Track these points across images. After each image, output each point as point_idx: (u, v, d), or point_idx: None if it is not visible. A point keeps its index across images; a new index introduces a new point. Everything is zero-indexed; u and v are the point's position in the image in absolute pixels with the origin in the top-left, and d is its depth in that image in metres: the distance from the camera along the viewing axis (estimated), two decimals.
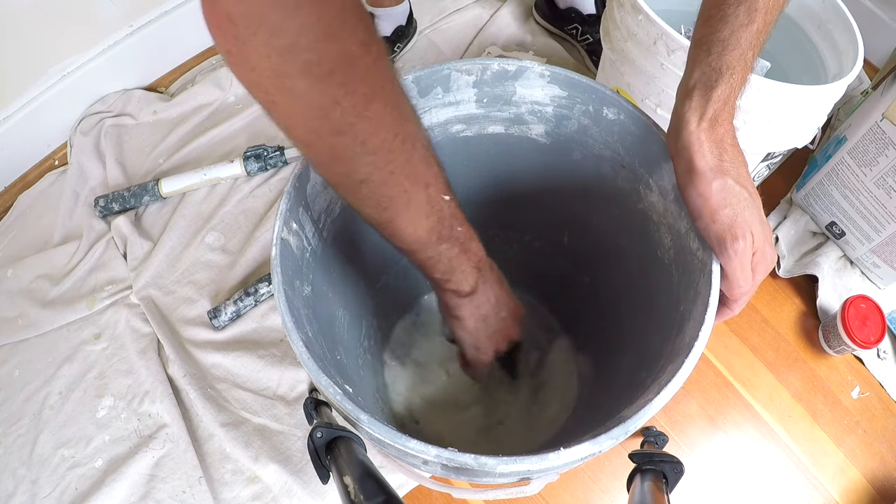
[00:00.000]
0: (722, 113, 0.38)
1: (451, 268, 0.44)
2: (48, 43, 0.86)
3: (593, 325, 0.67)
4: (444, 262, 0.43)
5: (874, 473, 0.73)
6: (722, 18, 0.38)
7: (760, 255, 0.39)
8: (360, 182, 0.35)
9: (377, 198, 0.37)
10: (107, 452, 0.70)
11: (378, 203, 0.37)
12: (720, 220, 0.38)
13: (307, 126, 0.31)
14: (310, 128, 0.31)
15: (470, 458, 0.33)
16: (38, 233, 0.88)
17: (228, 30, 0.26)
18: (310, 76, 0.28)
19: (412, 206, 0.38)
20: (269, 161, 0.88)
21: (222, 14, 0.26)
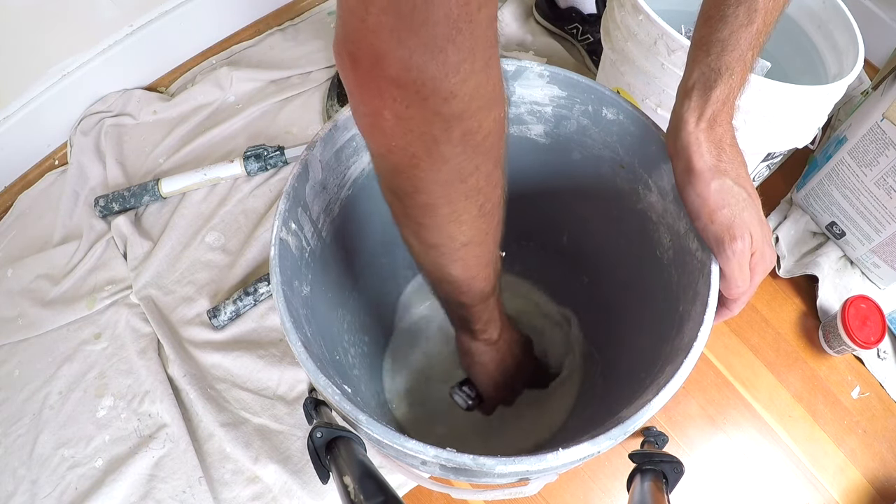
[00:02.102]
0: (721, 113, 0.38)
1: (490, 318, 0.47)
2: (48, 43, 0.86)
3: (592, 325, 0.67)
4: (487, 314, 0.45)
5: (874, 473, 0.73)
6: (722, 19, 0.38)
7: (759, 255, 0.39)
8: (462, 244, 0.35)
9: (470, 258, 0.37)
10: (107, 452, 0.70)
11: (467, 263, 0.37)
12: (718, 220, 0.38)
13: (442, 190, 0.30)
14: (444, 192, 0.30)
15: (468, 459, 0.33)
16: (38, 233, 0.88)
17: (392, 94, 0.24)
18: (466, 143, 0.28)
19: (490, 265, 0.39)
20: (269, 161, 0.88)
21: (388, 79, 0.24)
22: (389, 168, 0.29)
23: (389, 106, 0.25)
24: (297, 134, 0.95)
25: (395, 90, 0.24)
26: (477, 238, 0.35)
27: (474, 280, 0.40)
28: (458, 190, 0.30)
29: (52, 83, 0.89)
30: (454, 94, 0.25)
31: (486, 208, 0.33)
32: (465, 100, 0.25)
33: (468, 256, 0.37)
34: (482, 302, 0.43)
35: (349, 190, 0.51)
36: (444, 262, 0.37)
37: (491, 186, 0.32)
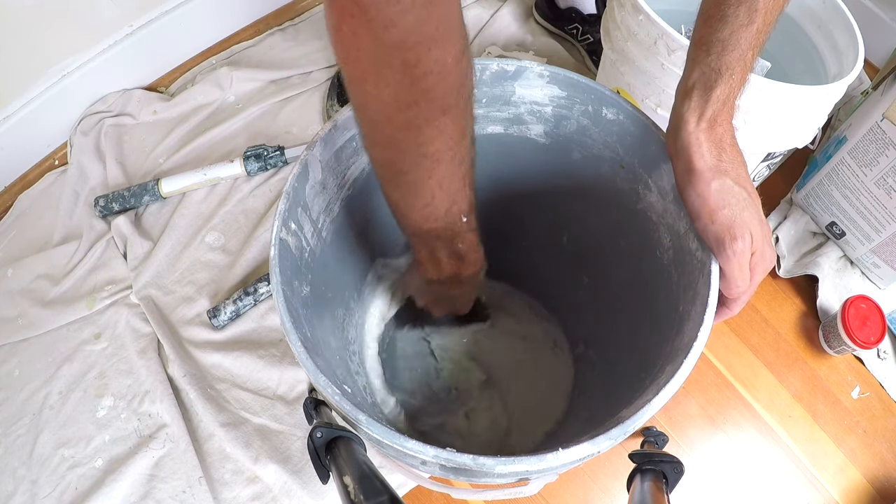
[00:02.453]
0: (721, 113, 0.38)
1: (430, 260, 0.47)
2: (48, 43, 0.86)
3: (592, 324, 0.67)
4: (426, 253, 0.46)
5: (874, 473, 0.73)
6: (722, 18, 0.38)
7: (759, 255, 0.39)
8: (399, 172, 0.38)
9: (407, 189, 0.39)
10: (107, 452, 0.70)
11: (404, 193, 0.40)
12: (719, 220, 0.38)
13: (382, 112, 0.34)
14: (384, 114, 0.34)
15: (468, 459, 0.33)
16: (38, 233, 0.88)
17: (349, 11, 0.28)
18: (404, 74, 0.31)
19: (428, 209, 0.40)
20: (269, 161, 0.88)
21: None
22: (347, 76, 0.33)
23: (347, 21, 0.29)
24: (297, 134, 0.95)
25: (352, 8, 0.28)
26: (414, 176, 0.37)
27: (409, 214, 0.41)
28: (397, 119, 0.34)
29: (52, 83, 0.89)
30: (393, 23, 0.28)
31: (426, 150, 0.35)
32: (404, 31, 0.29)
33: (404, 186, 0.39)
34: (416, 238, 0.44)
35: (349, 190, 0.51)
36: (382, 178, 0.40)
37: (433, 130, 0.34)
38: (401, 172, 0.38)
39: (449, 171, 0.38)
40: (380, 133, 0.36)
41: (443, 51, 0.31)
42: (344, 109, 0.46)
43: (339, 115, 0.46)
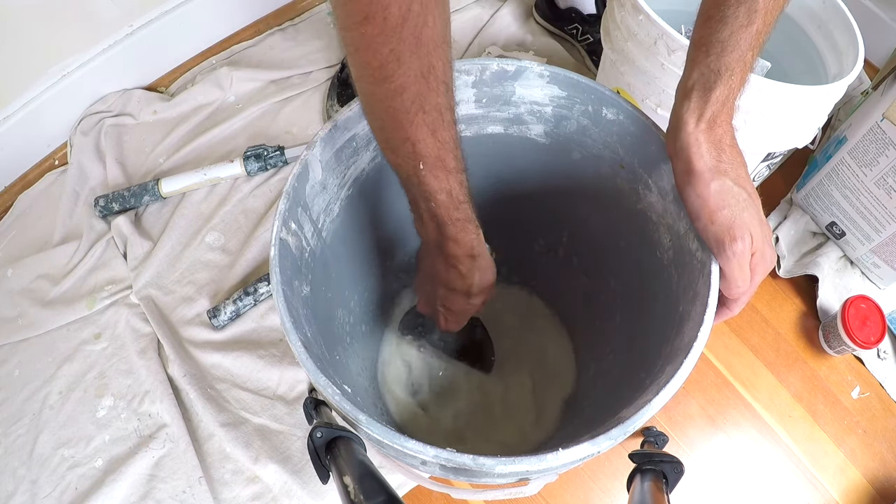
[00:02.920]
0: (720, 114, 0.38)
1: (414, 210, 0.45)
2: (48, 43, 0.86)
3: (592, 324, 0.67)
4: (409, 198, 0.44)
5: (874, 473, 0.73)
6: (721, 19, 0.38)
7: (759, 255, 0.39)
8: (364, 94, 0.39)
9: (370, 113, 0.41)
10: (107, 452, 0.70)
11: (370, 117, 0.41)
12: (718, 221, 0.38)
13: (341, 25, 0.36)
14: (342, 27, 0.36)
15: (468, 459, 0.33)
16: (38, 233, 0.88)
17: None
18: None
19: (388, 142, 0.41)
20: (269, 161, 0.88)
21: None
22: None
23: None
24: (297, 134, 0.95)
25: None
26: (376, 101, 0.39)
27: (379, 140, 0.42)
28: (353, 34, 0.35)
29: (52, 83, 0.89)
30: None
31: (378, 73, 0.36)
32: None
33: (371, 110, 0.40)
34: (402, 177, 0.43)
35: (349, 190, 0.51)
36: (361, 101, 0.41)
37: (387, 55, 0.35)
38: (355, 80, 0.39)
39: (386, 92, 0.37)
40: (345, 44, 0.37)
41: None
42: (344, 109, 0.46)
43: (339, 115, 0.46)
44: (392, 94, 0.37)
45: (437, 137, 0.40)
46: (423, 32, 0.35)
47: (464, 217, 0.44)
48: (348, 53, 0.37)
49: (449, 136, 0.40)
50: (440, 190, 0.42)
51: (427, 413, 0.67)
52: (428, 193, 0.42)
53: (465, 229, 0.45)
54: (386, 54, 0.35)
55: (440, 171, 0.41)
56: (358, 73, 0.38)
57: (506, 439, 0.65)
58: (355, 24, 0.34)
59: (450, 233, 0.44)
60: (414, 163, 0.40)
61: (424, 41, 0.36)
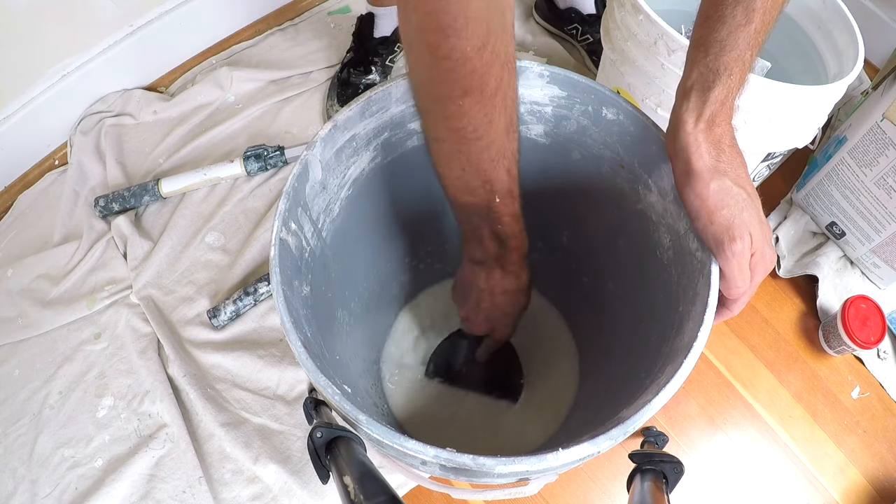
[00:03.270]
0: (720, 114, 0.38)
1: (472, 236, 0.49)
2: (48, 43, 0.86)
3: (592, 325, 0.67)
4: (468, 228, 0.48)
5: (874, 473, 0.73)
6: (720, 19, 0.38)
7: (759, 255, 0.39)
8: (435, 140, 0.42)
9: (441, 158, 0.43)
10: (107, 452, 0.70)
11: (440, 162, 0.43)
12: (718, 221, 0.38)
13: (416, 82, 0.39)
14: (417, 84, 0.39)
15: (468, 459, 0.33)
16: (38, 233, 0.88)
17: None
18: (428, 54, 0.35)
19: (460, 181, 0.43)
20: (269, 161, 0.88)
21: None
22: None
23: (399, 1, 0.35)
24: (297, 134, 0.95)
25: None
26: (447, 145, 0.41)
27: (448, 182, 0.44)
28: (427, 90, 0.39)
29: (52, 83, 0.89)
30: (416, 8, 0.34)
31: (453, 124, 0.39)
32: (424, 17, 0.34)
33: (441, 155, 0.42)
34: (472, 214, 0.46)
35: (349, 190, 0.51)
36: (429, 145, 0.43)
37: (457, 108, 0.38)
38: (436, 140, 0.41)
39: (476, 149, 0.40)
40: (418, 100, 0.41)
41: (459, 39, 0.34)
42: (344, 109, 0.46)
43: (339, 115, 0.46)
44: (480, 150, 0.40)
45: (510, 174, 0.44)
46: (508, 95, 0.39)
47: (522, 227, 0.49)
48: (436, 120, 0.40)
49: (517, 170, 0.44)
50: (507, 213, 0.46)
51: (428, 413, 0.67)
52: (497, 219, 0.46)
53: (523, 237, 0.49)
54: (480, 119, 0.38)
55: (509, 199, 0.45)
56: (443, 136, 0.41)
57: (506, 439, 0.65)
58: (453, 98, 0.37)
59: (513, 244, 0.48)
60: (489, 198, 0.44)
61: (509, 102, 0.40)
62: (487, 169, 0.42)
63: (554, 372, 0.69)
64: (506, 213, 0.46)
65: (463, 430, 0.66)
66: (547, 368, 0.69)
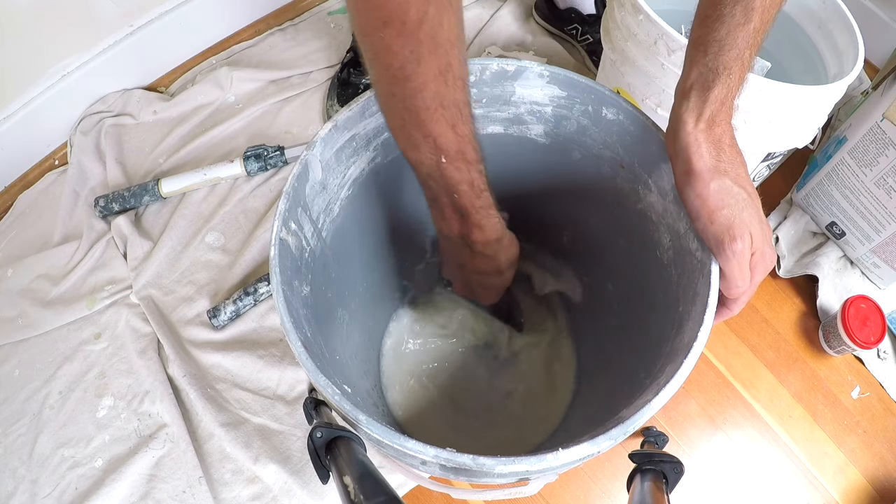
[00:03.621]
0: (719, 113, 0.38)
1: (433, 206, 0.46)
2: (48, 43, 0.86)
3: (592, 325, 0.67)
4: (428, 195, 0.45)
5: (874, 473, 0.73)
6: (718, 18, 0.38)
7: (759, 255, 0.39)
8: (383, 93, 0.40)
9: (389, 111, 0.41)
10: (107, 452, 0.70)
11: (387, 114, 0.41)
12: (718, 220, 0.38)
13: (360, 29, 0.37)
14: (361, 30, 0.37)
15: (468, 459, 0.33)
16: (38, 233, 0.88)
17: None
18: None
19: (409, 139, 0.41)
20: (269, 161, 0.88)
21: None
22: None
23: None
24: (297, 134, 0.95)
25: None
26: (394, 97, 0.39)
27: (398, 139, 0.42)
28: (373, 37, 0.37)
29: (52, 83, 0.89)
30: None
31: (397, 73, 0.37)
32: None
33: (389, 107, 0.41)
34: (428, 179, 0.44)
35: (349, 190, 0.51)
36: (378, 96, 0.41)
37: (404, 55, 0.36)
38: (374, 83, 0.40)
39: (408, 91, 0.38)
40: (364, 49, 0.38)
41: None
42: (344, 109, 0.46)
43: (339, 115, 0.46)
44: (413, 92, 0.38)
45: (457, 132, 0.41)
46: (439, 33, 0.37)
47: (486, 204, 0.46)
48: (368, 58, 0.38)
49: (468, 129, 0.42)
50: (462, 181, 0.43)
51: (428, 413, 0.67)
52: (451, 186, 0.43)
53: (488, 215, 0.46)
54: (406, 55, 0.36)
55: (461, 164, 0.42)
56: (377, 76, 0.39)
57: (506, 439, 0.65)
58: (374, 30, 0.36)
59: (474, 220, 0.46)
60: (436, 158, 0.41)
61: (441, 41, 0.37)
62: (425, 119, 0.39)
63: (554, 372, 0.69)
64: (460, 181, 0.43)
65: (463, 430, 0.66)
66: (547, 368, 0.69)
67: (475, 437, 0.65)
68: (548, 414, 0.66)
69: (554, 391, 0.68)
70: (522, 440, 0.65)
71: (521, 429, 0.66)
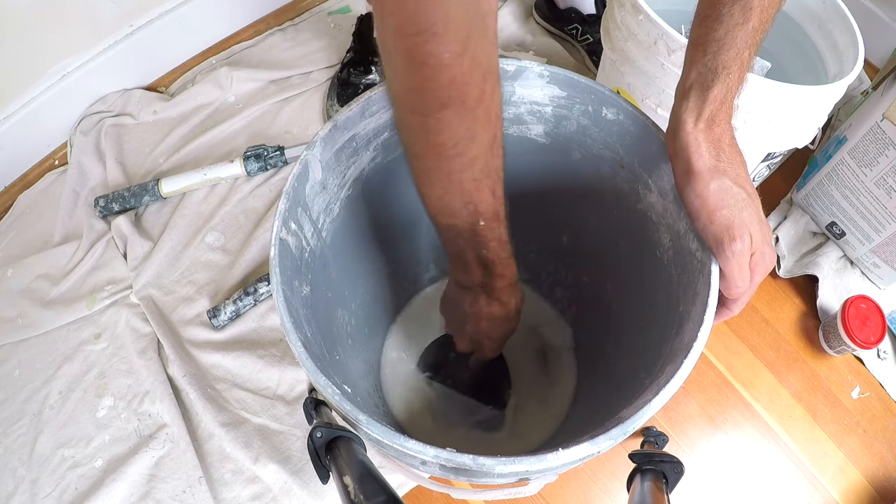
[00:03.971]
0: (719, 113, 0.38)
1: (456, 260, 0.46)
2: (48, 43, 0.86)
3: (592, 325, 0.67)
4: (452, 251, 0.46)
5: (874, 473, 0.73)
6: (717, 18, 0.38)
7: (759, 255, 0.39)
8: (414, 156, 0.39)
9: (421, 175, 0.40)
10: (107, 452, 0.70)
11: (420, 180, 0.41)
12: (718, 220, 0.38)
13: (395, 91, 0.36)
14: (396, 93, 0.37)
15: (468, 459, 0.33)
16: (38, 233, 0.88)
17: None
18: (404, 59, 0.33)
19: (441, 202, 0.41)
20: (269, 161, 0.88)
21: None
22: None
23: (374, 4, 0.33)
24: (297, 134, 0.95)
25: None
26: (427, 162, 0.38)
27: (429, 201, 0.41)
28: (405, 100, 0.36)
29: (52, 83, 0.89)
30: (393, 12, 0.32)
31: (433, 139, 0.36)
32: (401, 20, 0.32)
33: (421, 172, 0.40)
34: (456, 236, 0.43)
35: (349, 190, 0.51)
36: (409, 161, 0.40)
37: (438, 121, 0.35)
38: (416, 157, 0.39)
39: (458, 166, 0.38)
40: (397, 114, 0.38)
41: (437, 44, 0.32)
42: (344, 110, 0.46)
43: (339, 115, 0.46)
44: (461, 167, 0.38)
45: (496, 195, 0.41)
46: (492, 109, 0.37)
47: (509, 254, 0.46)
48: (414, 135, 0.38)
49: (502, 191, 0.42)
50: (493, 238, 0.43)
51: (428, 414, 0.67)
52: (481, 244, 0.43)
53: (510, 264, 0.47)
54: (461, 134, 0.36)
55: (495, 223, 0.43)
56: (422, 151, 0.38)
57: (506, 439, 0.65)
58: (432, 111, 0.35)
59: (498, 271, 0.46)
60: (473, 220, 0.41)
61: (493, 117, 0.37)
62: (470, 189, 0.39)
63: (554, 372, 0.69)
64: (492, 238, 0.43)
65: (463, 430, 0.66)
66: (546, 369, 0.69)
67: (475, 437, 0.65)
68: (548, 414, 0.66)
69: (554, 391, 0.68)
70: (522, 440, 0.65)
71: (521, 429, 0.66)
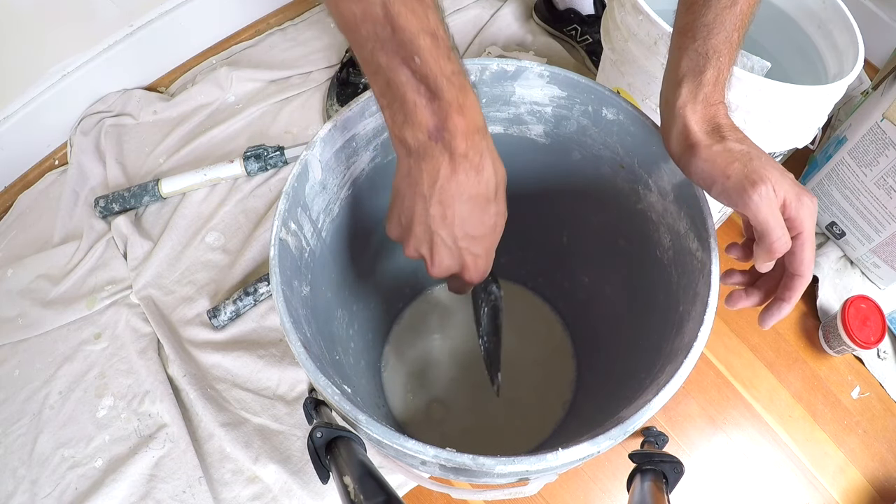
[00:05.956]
0: (713, 94, 0.38)
1: (387, 92, 0.33)
2: (48, 43, 0.86)
3: (592, 325, 0.67)
4: (381, 82, 0.32)
5: (874, 473, 0.73)
6: (705, 3, 0.38)
7: (795, 200, 0.35)
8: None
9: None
10: (107, 452, 0.70)
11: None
12: (733, 174, 0.36)
13: None
14: None
15: (468, 459, 0.33)
16: (38, 233, 0.88)
17: None
18: None
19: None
20: (269, 161, 0.88)
21: None
22: None
23: None
24: (297, 134, 0.95)
25: None
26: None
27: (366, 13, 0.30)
28: None
29: (52, 83, 0.89)
30: None
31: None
32: None
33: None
34: (354, 44, 0.31)
35: (349, 190, 0.51)
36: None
37: None
38: None
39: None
40: None
41: None
42: (344, 109, 0.46)
43: (339, 115, 0.46)
44: None
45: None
46: None
47: (458, 70, 0.32)
48: None
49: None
50: (422, 31, 0.30)
51: (428, 414, 0.67)
52: (406, 43, 0.30)
53: (465, 90, 0.33)
54: None
55: (416, 4, 0.30)
56: None
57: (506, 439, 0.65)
58: None
59: (449, 97, 0.32)
60: (381, 1, 0.29)
61: None
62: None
63: (553, 372, 0.69)
64: (419, 32, 0.30)
65: (463, 430, 0.66)
66: (546, 368, 0.69)
67: (475, 437, 0.65)
68: (548, 414, 0.67)
69: (554, 391, 0.68)
70: (522, 440, 0.65)
71: (522, 429, 0.66)
